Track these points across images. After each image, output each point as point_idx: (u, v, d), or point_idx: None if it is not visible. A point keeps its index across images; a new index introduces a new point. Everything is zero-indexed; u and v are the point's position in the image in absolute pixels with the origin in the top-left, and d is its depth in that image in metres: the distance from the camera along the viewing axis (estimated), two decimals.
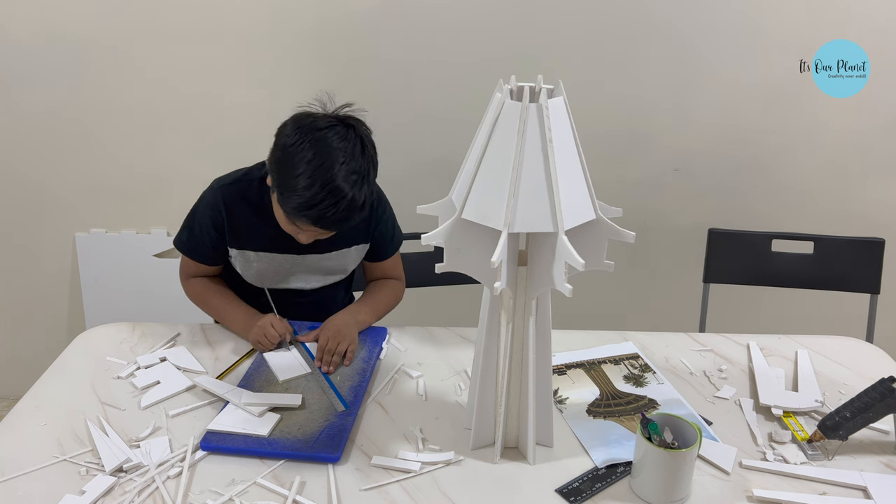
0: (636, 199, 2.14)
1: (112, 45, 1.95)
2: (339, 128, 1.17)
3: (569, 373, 1.28)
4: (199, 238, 1.35)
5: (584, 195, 0.94)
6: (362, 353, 1.30)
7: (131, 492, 0.98)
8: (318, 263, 1.38)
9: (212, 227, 1.34)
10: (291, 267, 1.38)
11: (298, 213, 1.16)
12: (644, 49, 1.98)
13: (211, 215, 1.33)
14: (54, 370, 1.26)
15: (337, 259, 1.39)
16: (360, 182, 1.16)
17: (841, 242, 1.76)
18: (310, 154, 1.14)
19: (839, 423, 1.06)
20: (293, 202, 1.15)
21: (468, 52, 1.98)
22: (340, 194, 1.14)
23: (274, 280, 1.39)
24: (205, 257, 1.37)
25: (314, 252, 1.36)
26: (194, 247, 1.37)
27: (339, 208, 1.14)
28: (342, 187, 1.14)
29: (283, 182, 1.17)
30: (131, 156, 2.08)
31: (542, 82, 0.93)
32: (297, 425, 1.10)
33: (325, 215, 1.15)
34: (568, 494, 0.99)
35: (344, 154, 1.15)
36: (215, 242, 1.35)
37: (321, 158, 1.14)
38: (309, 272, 1.40)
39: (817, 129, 2.06)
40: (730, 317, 2.01)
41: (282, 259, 1.36)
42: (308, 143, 1.15)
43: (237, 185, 1.34)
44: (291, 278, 1.39)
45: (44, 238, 2.16)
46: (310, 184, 1.13)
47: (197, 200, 1.36)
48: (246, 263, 1.36)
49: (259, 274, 1.38)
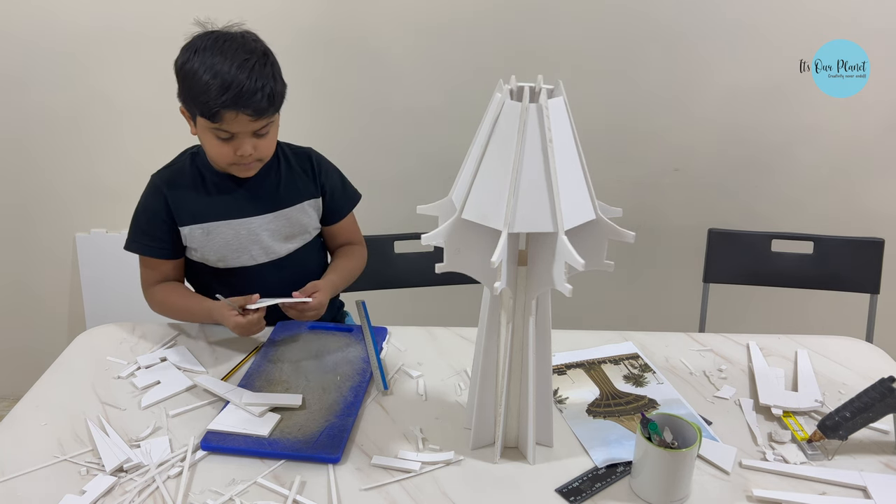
0: (636, 199, 2.14)
1: (112, 45, 1.95)
2: (217, 33, 1.27)
3: (569, 373, 1.28)
4: (149, 231, 1.36)
5: (584, 195, 0.94)
6: (362, 353, 1.30)
7: (131, 492, 0.98)
8: (273, 224, 1.39)
9: (158, 212, 1.35)
10: (248, 234, 1.38)
11: (219, 104, 1.20)
12: (644, 49, 1.99)
13: (154, 201, 1.36)
14: (54, 370, 1.26)
15: (292, 217, 1.40)
16: (254, 54, 1.24)
17: (841, 242, 1.76)
18: (203, 56, 1.22)
19: (839, 423, 1.06)
20: (211, 97, 1.20)
21: (468, 51, 1.98)
22: (246, 63, 1.21)
23: (237, 253, 1.38)
24: (160, 250, 1.37)
25: (265, 212, 1.38)
26: (147, 242, 1.37)
27: (253, 77, 1.21)
28: (242, 56, 1.22)
29: (193, 96, 1.23)
30: (131, 156, 2.08)
31: (542, 82, 0.93)
32: (297, 425, 1.10)
33: (243, 88, 1.20)
34: (568, 494, 0.99)
35: (231, 43, 1.24)
36: (165, 229, 1.35)
37: (214, 53, 1.22)
38: (268, 236, 1.39)
39: (817, 129, 2.06)
40: (730, 317, 2.01)
41: (236, 225, 1.37)
42: (195, 54, 1.23)
43: (169, 168, 1.40)
44: (253, 248, 1.39)
45: (44, 238, 2.16)
46: (214, 72, 1.20)
47: (138, 200, 1.39)
48: (202, 241, 1.36)
49: (219, 250, 1.37)
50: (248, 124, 1.25)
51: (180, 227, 1.36)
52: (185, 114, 1.31)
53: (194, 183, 1.37)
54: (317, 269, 1.48)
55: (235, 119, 1.23)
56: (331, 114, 2.04)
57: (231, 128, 1.24)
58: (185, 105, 1.28)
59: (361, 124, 2.06)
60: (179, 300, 1.39)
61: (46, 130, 2.04)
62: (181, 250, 1.39)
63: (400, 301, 1.78)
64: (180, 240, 1.37)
